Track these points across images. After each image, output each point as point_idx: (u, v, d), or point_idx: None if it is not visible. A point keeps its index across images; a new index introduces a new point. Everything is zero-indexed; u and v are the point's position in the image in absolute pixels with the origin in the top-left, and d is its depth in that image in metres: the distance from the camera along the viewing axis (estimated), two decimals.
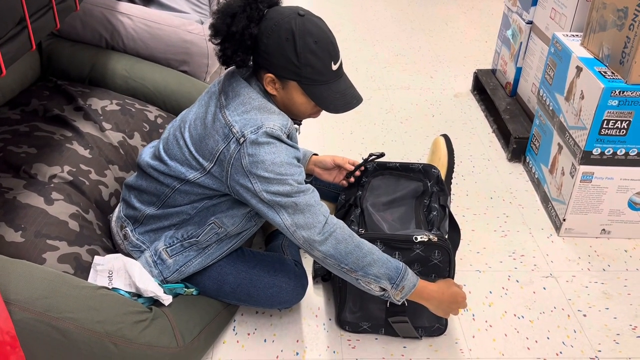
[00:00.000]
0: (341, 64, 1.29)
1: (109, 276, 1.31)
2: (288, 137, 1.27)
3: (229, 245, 1.41)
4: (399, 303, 1.31)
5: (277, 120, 1.25)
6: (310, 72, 1.23)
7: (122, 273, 1.32)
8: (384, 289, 1.28)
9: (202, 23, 2.11)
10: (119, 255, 1.37)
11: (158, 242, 1.39)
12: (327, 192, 1.81)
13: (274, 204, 1.24)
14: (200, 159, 1.30)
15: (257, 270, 1.44)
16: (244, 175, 1.24)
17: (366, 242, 1.29)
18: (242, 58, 1.25)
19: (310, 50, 1.21)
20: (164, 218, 1.39)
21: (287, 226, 1.25)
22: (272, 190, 1.23)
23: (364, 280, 1.27)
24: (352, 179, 1.62)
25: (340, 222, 1.28)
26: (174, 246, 1.37)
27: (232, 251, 1.43)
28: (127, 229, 1.43)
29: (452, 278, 1.44)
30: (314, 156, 1.65)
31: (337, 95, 1.27)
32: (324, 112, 1.35)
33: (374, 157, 1.62)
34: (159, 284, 1.35)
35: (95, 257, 1.35)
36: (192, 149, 1.31)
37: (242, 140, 1.23)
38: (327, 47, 1.23)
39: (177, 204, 1.37)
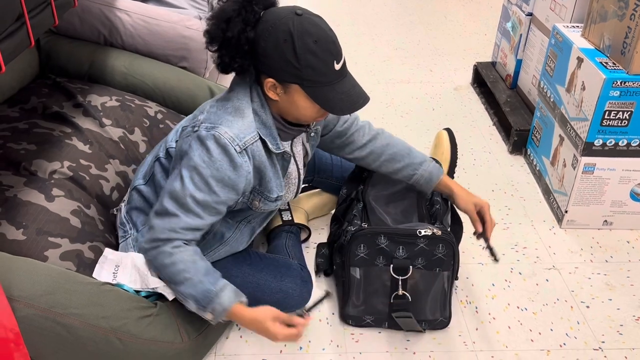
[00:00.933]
0: (344, 62, 1.21)
1: (114, 272, 1.31)
2: (246, 152, 1.22)
3: (215, 247, 1.40)
4: (214, 323, 1.27)
5: (235, 128, 1.21)
6: (311, 73, 1.16)
7: (128, 269, 1.31)
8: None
9: (200, 19, 2.10)
10: (128, 253, 1.37)
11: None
12: (329, 184, 1.80)
13: (163, 195, 1.26)
14: (177, 134, 1.37)
15: (263, 274, 1.44)
16: (178, 156, 1.29)
17: (187, 261, 1.23)
18: (241, 64, 1.21)
19: (309, 50, 1.14)
20: (144, 199, 1.41)
21: (154, 210, 1.28)
22: (174, 186, 1.23)
23: (177, 295, 1.28)
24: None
25: (172, 242, 1.24)
26: None
27: (228, 255, 1.43)
28: (122, 204, 1.47)
29: (457, 271, 1.43)
30: (447, 181, 1.53)
31: (342, 96, 1.20)
32: None
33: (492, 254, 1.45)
34: None
35: (106, 249, 1.35)
36: (182, 123, 1.38)
37: (195, 129, 1.26)
38: (327, 46, 1.16)
39: (155, 184, 1.40)
